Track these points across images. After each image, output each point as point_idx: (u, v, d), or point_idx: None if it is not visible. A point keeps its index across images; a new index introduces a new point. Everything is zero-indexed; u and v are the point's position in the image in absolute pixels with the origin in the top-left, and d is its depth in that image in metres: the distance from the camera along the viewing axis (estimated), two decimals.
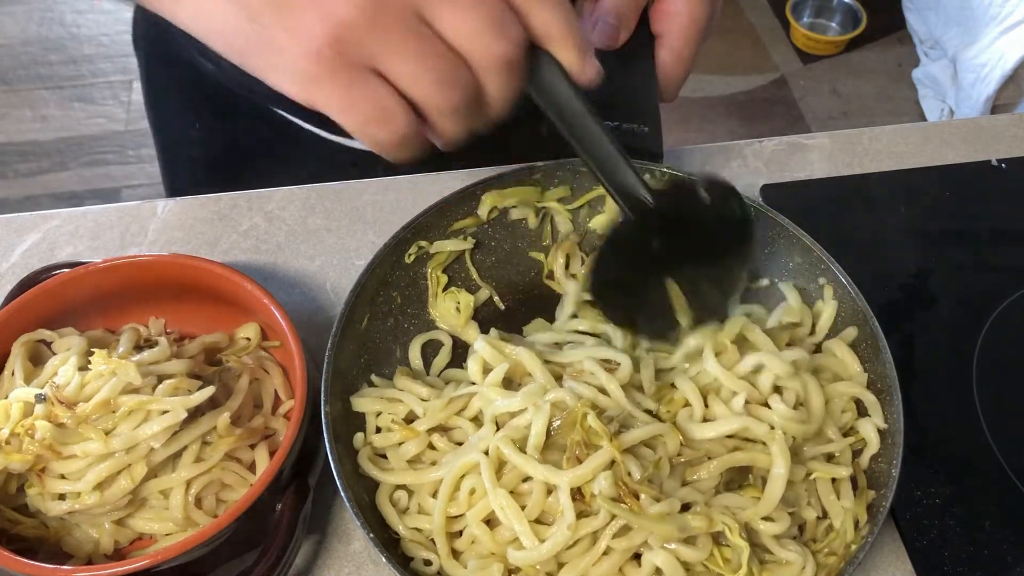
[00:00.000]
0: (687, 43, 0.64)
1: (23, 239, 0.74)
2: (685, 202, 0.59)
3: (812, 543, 0.55)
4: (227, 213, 0.76)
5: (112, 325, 0.63)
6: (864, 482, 0.56)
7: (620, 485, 0.51)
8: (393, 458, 0.58)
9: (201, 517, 0.56)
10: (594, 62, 0.52)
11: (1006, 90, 2.09)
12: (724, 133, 2.38)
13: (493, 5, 0.46)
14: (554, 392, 0.55)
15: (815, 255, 0.63)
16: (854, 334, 0.61)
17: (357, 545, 0.60)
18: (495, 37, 0.46)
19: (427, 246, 0.65)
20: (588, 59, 0.51)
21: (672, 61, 0.64)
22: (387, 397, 0.59)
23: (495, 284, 0.68)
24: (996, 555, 0.60)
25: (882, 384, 0.59)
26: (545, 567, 0.52)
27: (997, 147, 0.85)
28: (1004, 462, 0.64)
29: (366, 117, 0.46)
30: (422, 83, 0.46)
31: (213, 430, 0.56)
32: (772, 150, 0.84)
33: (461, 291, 0.66)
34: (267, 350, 0.63)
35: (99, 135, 2.30)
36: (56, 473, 0.54)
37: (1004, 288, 0.74)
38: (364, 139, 0.48)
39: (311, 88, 0.46)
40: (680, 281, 0.58)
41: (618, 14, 0.63)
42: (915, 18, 2.50)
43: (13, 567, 0.49)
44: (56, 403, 0.53)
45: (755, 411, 0.57)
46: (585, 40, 0.51)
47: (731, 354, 0.58)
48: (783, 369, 0.57)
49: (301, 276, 0.72)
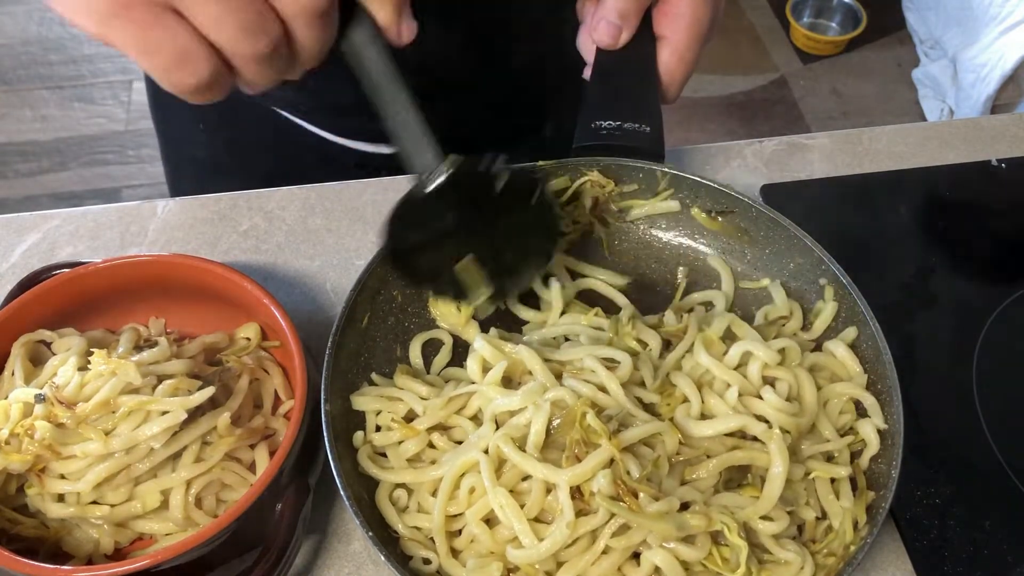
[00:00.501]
0: (690, 44, 0.64)
1: (23, 239, 0.74)
2: (481, 186, 0.59)
3: (811, 544, 0.55)
4: (227, 213, 0.76)
5: (112, 325, 0.63)
6: (864, 483, 0.56)
7: (619, 483, 0.51)
8: (393, 457, 0.58)
9: (201, 517, 0.56)
10: (411, 23, 0.50)
11: (1006, 90, 2.09)
12: (724, 133, 2.38)
13: None
14: (554, 391, 0.55)
15: (815, 256, 0.63)
16: (854, 335, 0.61)
17: (357, 545, 0.60)
18: None
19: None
20: (404, 19, 0.50)
21: (675, 62, 0.65)
22: (387, 396, 0.59)
23: None
24: (996, 555, 0.60)
25: (882, 385, 0.59)
26: (544, 566, 0.52)
27: (997, 147, 0.85)
28: (1004, 462, 0.65)
29: (167, 61, 0.44)
30: (225, 28, 0.44)
31: (213, 430, 0.56)
32: (772, 150, 0.84)
33: None
34: (267, 350, 0.63)
35: (99, 135, 2.29)
36: (56, 473, 0.54)
37: (1004, 288, 0.74)
38: (164, 83, 0.46)
39: (108, 26, 0.43)
40: (480, 255, 0.60)
41: (621, 14, 0.63)
42: (915, 18, 2.50)
43: (13, 567, 0.49)
44: (55, 403, 0.53)
45: (748, 402, 0.57)
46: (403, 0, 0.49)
47: (719, 347, 0.60)
48: (769, 356, 0.58)
49: (301, 276, 0.72)
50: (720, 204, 0.66)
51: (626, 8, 0.63)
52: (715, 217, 0.66)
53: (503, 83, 0.86)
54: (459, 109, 0.80)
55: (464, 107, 0.83)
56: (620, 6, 0.63)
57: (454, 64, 0.80)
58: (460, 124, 0.52)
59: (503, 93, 0.88)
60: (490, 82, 0.86)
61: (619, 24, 0.63)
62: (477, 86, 0.85)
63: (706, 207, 0.67)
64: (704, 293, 0.67)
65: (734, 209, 0.65)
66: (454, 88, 0.83)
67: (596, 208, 0.68)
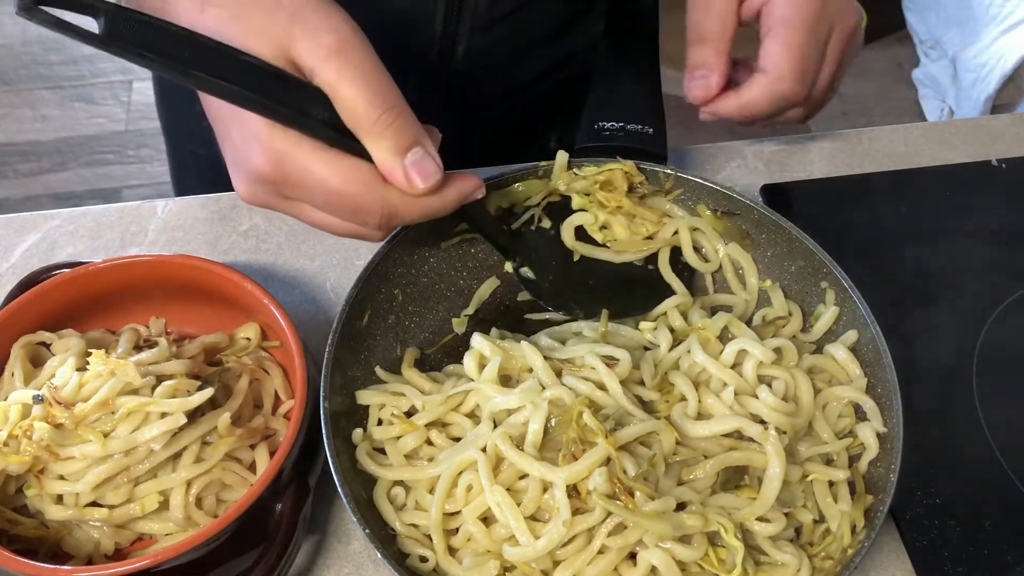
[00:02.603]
0: (796, 31, 0.63)
1: (23, 239, 0.74)
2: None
3: (808, 547, 0.55)
4: (227, 213, 0.76)
5: (112, 325, 0.63)
6: (862, 486, 0.56)
7: (615, 482, 0.51)
8: (391, 453, 0.58)
9: (201, 517, 0.56)
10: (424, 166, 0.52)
11: (1006, 90, 2.09)
12: (724, 133, 2.37)
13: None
14: (551, 389, 0.55)
15: (817, 259, 0.63)
16: (855, 337, 0.61)
17: (357, 545, 0.60)
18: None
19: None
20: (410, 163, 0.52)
21: (780, 49, 0.64)
22: (391, 391, 0.60)
23: (499, 281, 0.68)
24: (996, 555, 0.60)
25: (882, 389, 0.59)
26: (540, 564, 0.52)
27: (997, 147, 0.85)
28: (1004, 462, 0.64)
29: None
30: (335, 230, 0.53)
31: (213, 430, 0.56)
32: (772, 150, 0.84)
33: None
34: (267, 350, 0.63)
35: (99, 135, 2.29)
36: (55, 474, 0.54)
37: (1004, 288, 0.74)
38: None
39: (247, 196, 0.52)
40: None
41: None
42: (915, 18, 2.50)
43: (13, 567, 0.49)
44: (53, 403, 0.53)
45: (744, 402, 0.57)
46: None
47: (715, 346, 0.60)
48: (765, 355, 0.58)
49: (301, 276, 0.72)
50: (723, 206, 0.66)
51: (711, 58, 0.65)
52: (720, 216, 0.66)
53: (518, 91, 0.87)
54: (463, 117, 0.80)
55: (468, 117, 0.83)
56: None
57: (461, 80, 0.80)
58: (465, 132, 0.53)
59: (509, 104, 0.88)
60: (496, 95, 0.86)
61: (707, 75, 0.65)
62: (492, 93, 0.85)
63: (710, 207, 0.67)
64: (728, 296, 0.67)
65: (737, 212, 0.65)
66: (468, 95, 0.83)
67: (632, 191, 0.67)
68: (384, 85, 0.48)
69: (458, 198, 0.53)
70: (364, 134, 0.48)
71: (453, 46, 0.78)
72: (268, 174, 0.49)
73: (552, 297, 0.64)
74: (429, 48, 0.78)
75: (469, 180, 0.54)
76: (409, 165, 0.49)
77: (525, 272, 0.64)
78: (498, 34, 0.78)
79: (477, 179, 0.54)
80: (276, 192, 0.51)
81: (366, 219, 0.51)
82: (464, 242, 0.67)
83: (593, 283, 0.65)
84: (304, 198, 0.51)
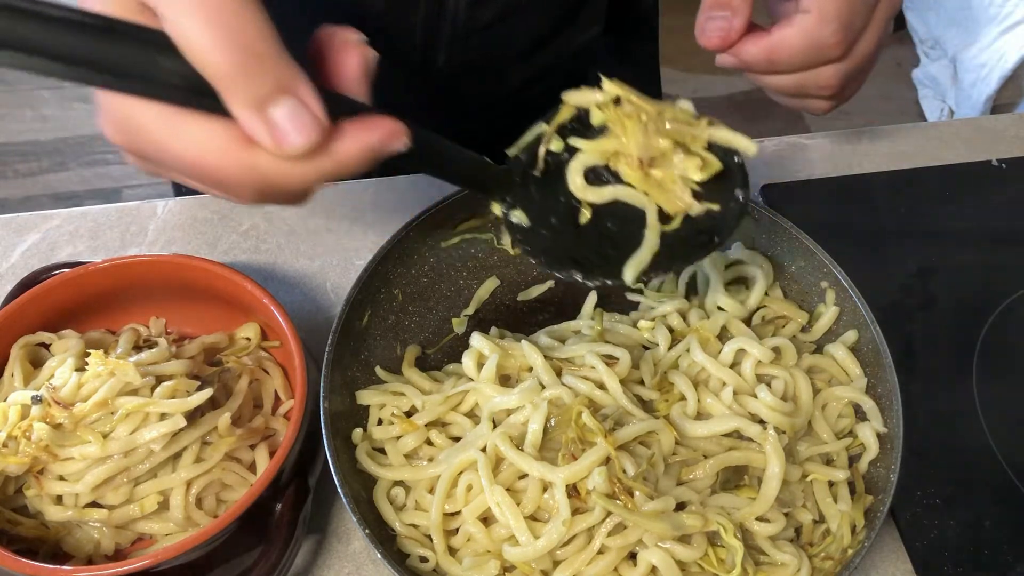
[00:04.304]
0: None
1: (23, 239, 0.74)
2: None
3: (808, 547, 0.55)
4: (227, 213, 0.76)
5: (112, 325, 0.63)
6: (862, 487, 0.56)
7: (614, 481, 0.51)
8: (391, 453, 0.58)
9: (201, 517, 0.56)
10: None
11: (1006, 90, 2.09)
12: None
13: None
14: (551, 389, 0.55)
15: (817, 259, 0.63)
16: (855, 337, 0.61)
17: (357, 545, 0.60)
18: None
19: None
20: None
21: (814, 22, 0.56)
22: (391, 391, 0.60)
23: (499, 281, 0.68)
24: (996, 555, 0.60)
25: (882, 389, 0.59)
26: (540, 564, 0.52)
27: (997, 147, 0.85)
28: (1004, 462, 0.64)
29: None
30: (242, 198, 0.43)
31: (213, 430, 0.56)
32: (772, 150, 0.84)
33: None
34: (267, 350, 0.63)
35: (99, 135, 2.28)
36: (54, 475, 0.54)
37: (1004, 288, 0.74)
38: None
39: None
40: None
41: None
42: (915, 18, 2.50)
43: (13, 567, 0.49)
44: (52, 404, 0.53)
45: (743, 401, 0.57)
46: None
47: (714, 345, 0.60)
48: (763, 354, 0.58)
49: (301, 276, 0.72)
50: None
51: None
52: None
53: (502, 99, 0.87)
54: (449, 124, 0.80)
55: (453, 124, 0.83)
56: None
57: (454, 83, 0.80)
58: (451, 139, 0.51)
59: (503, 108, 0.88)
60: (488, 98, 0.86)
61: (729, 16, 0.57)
62: (475, 100, 0.85)
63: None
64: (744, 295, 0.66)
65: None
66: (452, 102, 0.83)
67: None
68: (243, 23, 0.38)
69: (360, 155, 0.41)
70: (218, 84, 0.38)
71: (435, 55, 0.78)
72: (125, 147, 0.42)
73: (550, 252, 0.51)
74: (411, 57, 0.78)
75: (376, 128, 0.41)
76: (274, 120, 0.38)
77: (517, 217, 0.51)
78: (479, 44, 0.78)
79: (391, 124, 0.41)
80: (147, 165, 0.43)
81: (238, 192, 0.41)
82: (464, 242, 0.67)
83: (608, 232, 0.52)
84: (170, 172, 0.43)
